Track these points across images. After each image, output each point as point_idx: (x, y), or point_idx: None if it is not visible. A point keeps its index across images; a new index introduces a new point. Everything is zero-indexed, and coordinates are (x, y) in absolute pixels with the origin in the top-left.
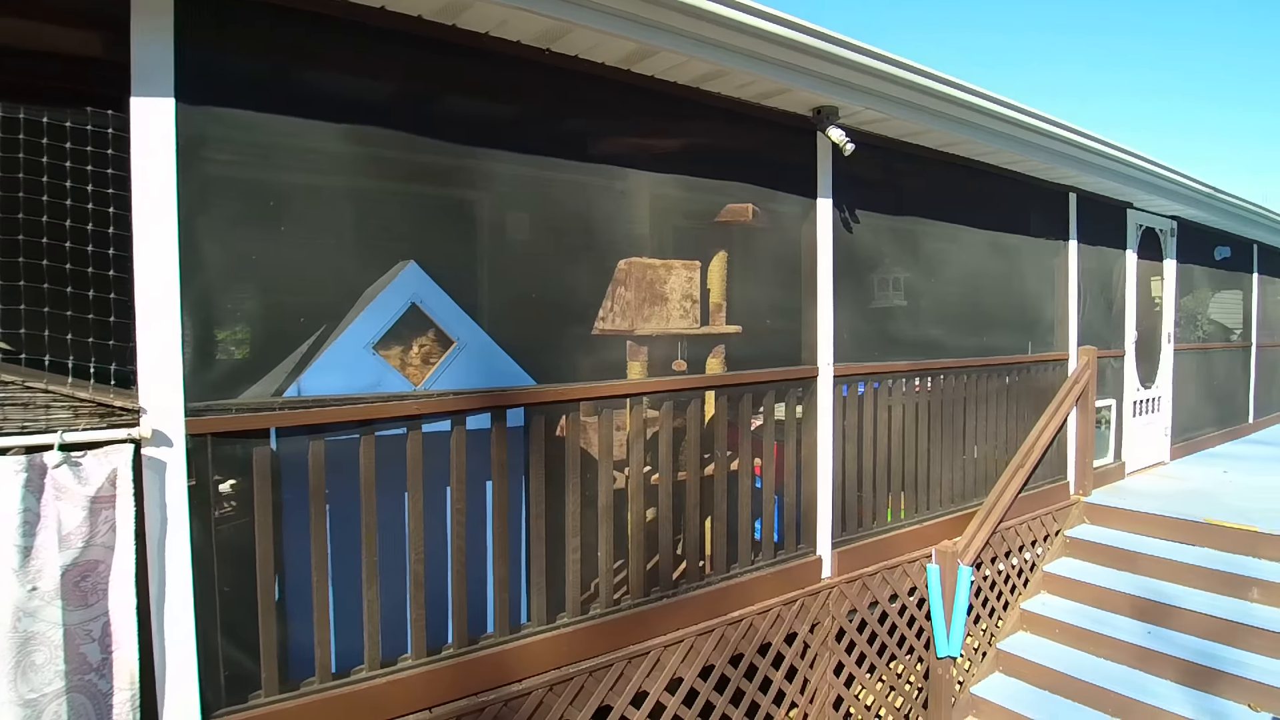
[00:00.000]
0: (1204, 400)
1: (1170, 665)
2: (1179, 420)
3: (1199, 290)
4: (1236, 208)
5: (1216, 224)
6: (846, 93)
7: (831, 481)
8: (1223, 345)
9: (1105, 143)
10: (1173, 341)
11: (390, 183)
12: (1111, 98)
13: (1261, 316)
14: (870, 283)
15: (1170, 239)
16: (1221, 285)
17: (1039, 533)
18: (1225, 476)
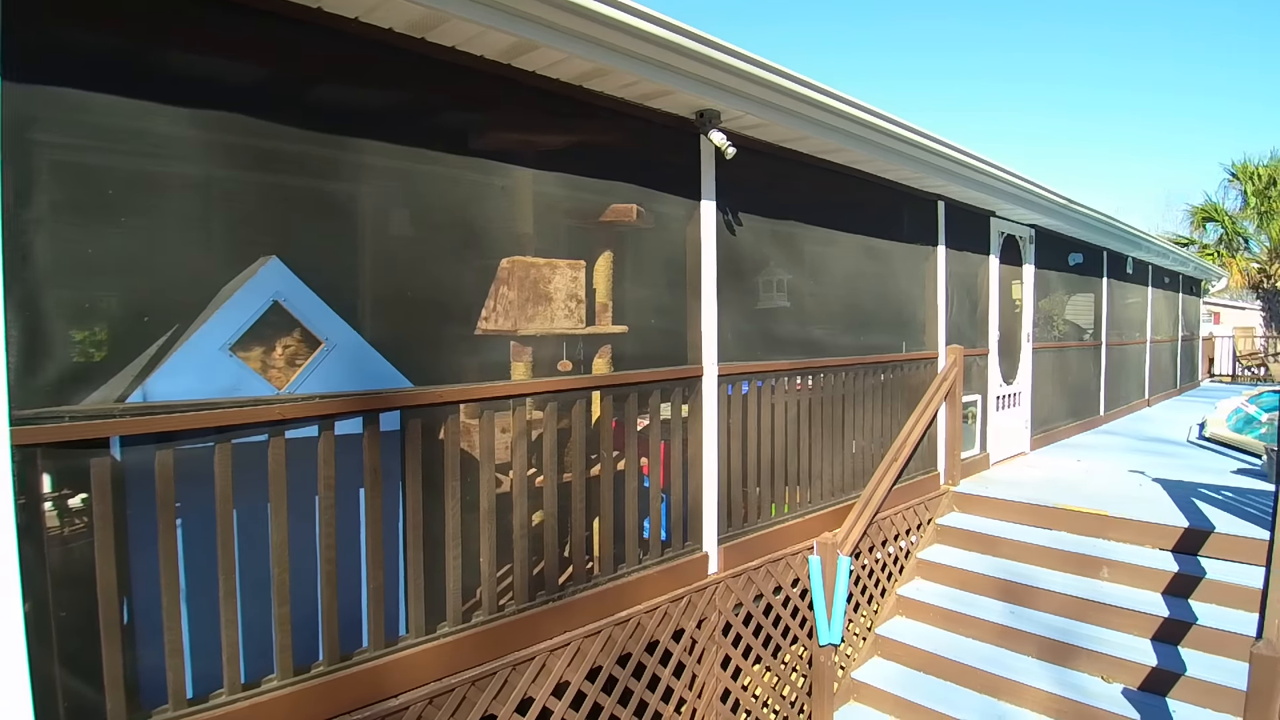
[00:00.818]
0: (1060, 395)
1: (1031, 642)
2: (1038, 413)
3: (1055, 293)
4: (1088, 217)
5: (1070, 232)
6: (728, 97)
7: (717, 479)
8: (1076, 344)
9: (971, 155)
10: (1031, 341)
11: (251, 173)
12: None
13: (1111, 317)
14: (754, 284)
15: (1029, 245)
16: (1075, 289)
17: (913, 521)
18: (1079, 465)
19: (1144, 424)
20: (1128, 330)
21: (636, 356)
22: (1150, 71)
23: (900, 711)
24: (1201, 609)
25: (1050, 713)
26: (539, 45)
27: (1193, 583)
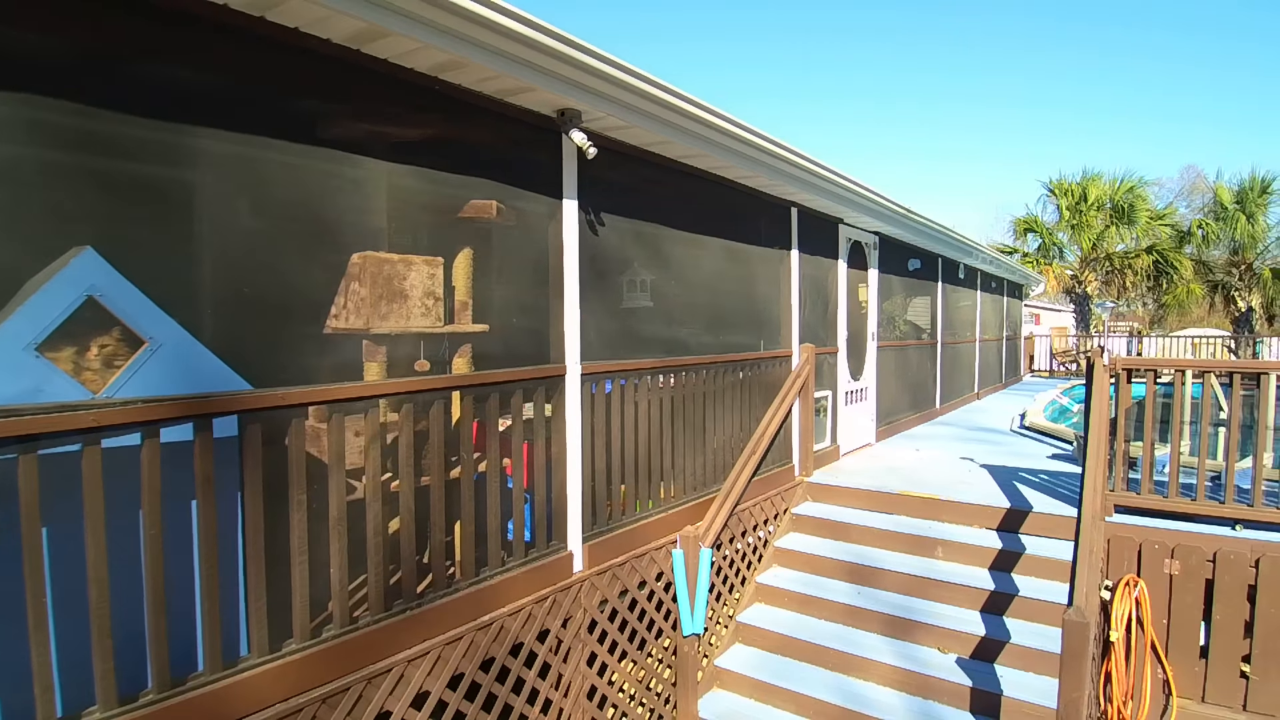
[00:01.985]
0: (902, 389)
1: (876, 620)
2: (882, 407)
3: (896, 296)
4: (925, 226)
5: (911, 240)
6: (590, 98)
7: (581, 478)
8: (916, 343)
9: (821, 165)
10: (876, 340)
11: (62, 156)
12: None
13: (945, 318)
14: (617, 283)
15: (874, 251)
16: (914, 292)
17: (770, 512)
18: (918, 454)
19: (974, 415)
20: (960, 330)
21: (498, 356)
22: (986, 87)
23: (760, 694)
24: (1022, 581)
25: (895, 685)
26: (390, 33)
27: (1014, 558)
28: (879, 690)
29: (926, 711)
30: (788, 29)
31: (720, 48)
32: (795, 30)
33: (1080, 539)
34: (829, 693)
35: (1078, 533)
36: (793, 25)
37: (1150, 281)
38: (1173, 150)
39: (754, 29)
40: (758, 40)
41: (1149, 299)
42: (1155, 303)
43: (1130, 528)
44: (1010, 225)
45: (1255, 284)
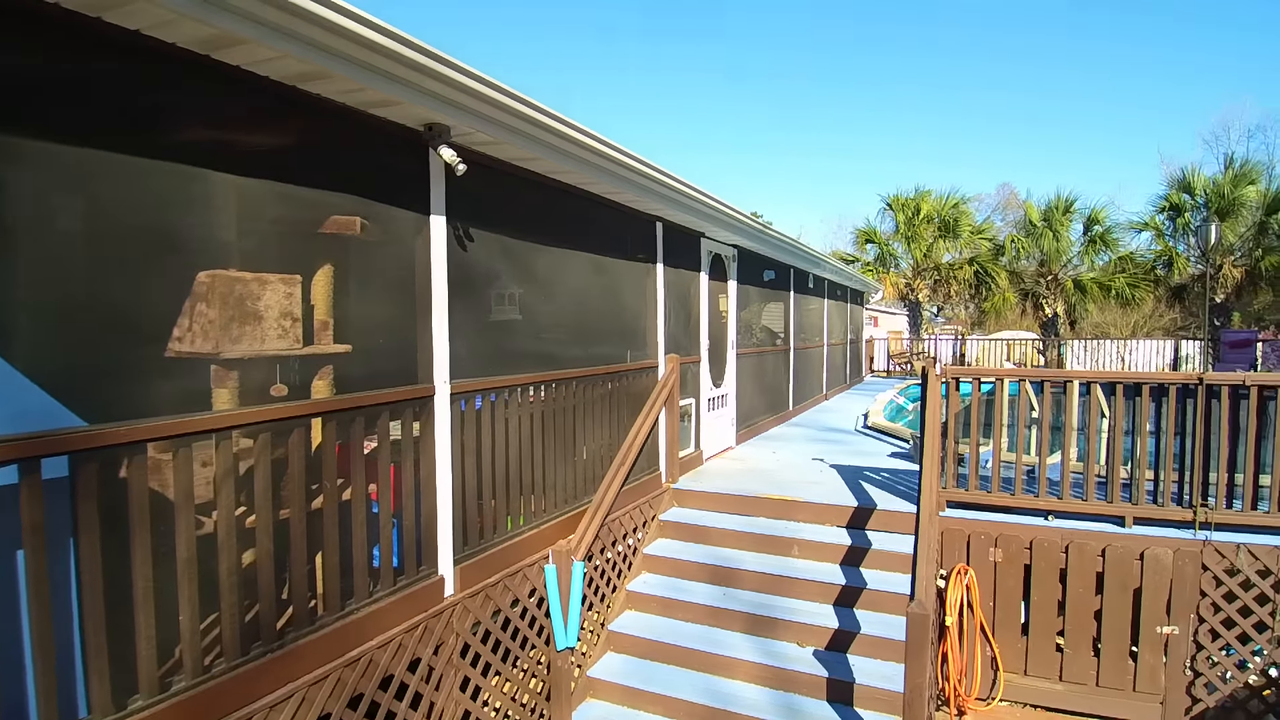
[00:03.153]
0: (759, 393)
1: (739, 619)
2: (742, 411)
3: (753, 305)
4: (779, 240)
5: (766, 252)
6: (458, 114)
7: (452, 499)
8: (771, 349)
9: (685, 183)
10: (735, 348)
11: None
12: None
13: (797, 325)
14: (487, 299)
15: (733, 264)
16: (769, 301)
17: (639, 520)
18: (774, 456)
19: (824, 415)
20: (810, 335)
21: (362, 377)
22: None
23: (631, 701)
24: (870, 575)
25: (757, 680)
26: (245, 40)
27: (862, 553)
28: (744, 687)
29: (788, 704)
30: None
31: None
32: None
33: (920, 536)
34: (697, 694)
35: (917, 530)
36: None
37: (972, 289)
38: (991, 169)
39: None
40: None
41: (971, 305)
42: (976, 308)
43: (960, 521)
44: (852, 236)
45: (1060, 293)
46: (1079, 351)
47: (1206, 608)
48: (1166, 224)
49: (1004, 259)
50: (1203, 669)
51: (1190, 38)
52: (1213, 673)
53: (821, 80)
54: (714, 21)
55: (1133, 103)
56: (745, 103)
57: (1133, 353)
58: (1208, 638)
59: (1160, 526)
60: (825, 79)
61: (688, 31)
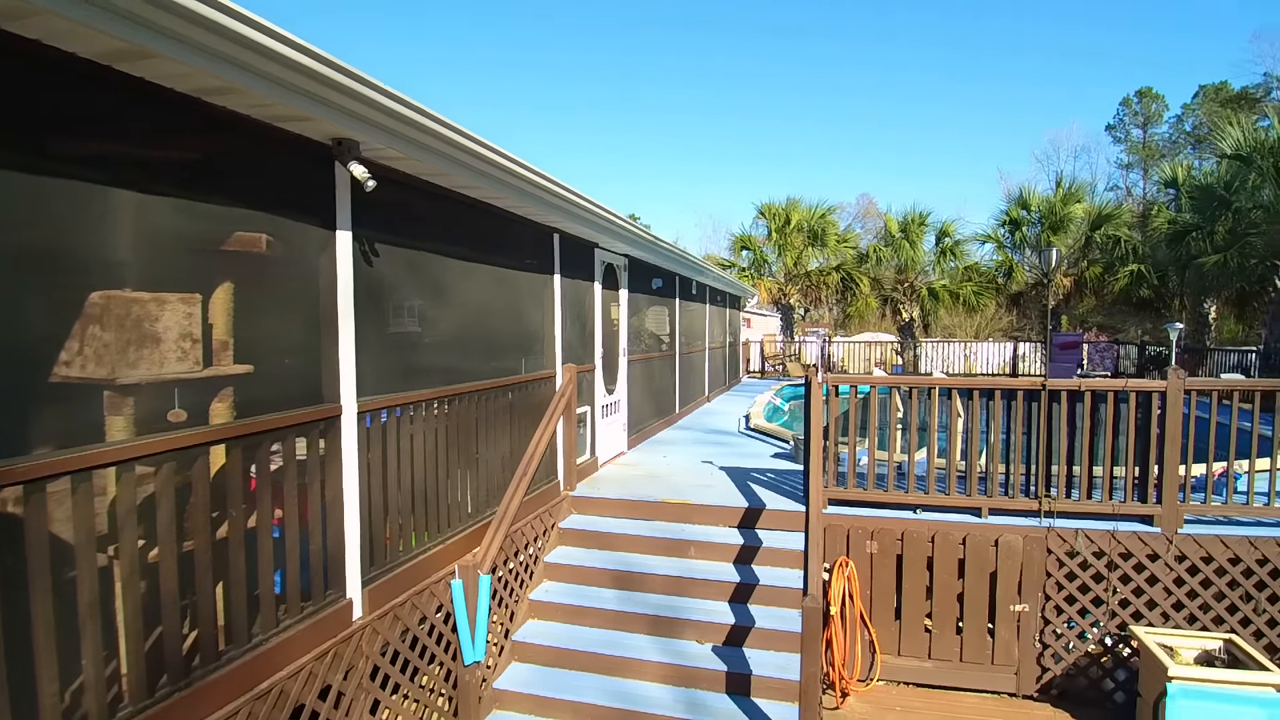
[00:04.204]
0: (649, 398)
1: (642, 621)
2: (634, 416)
3: (643, 312)
4: (666, 250)
5: (654, 261)
6: (367, 129)
7: (360, 519)
8: (659, 354)
9: (582, 196)
10: (627, 354)
11: None
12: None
13: (682, 330)
14: (394, 315)
15: (624, 273)
16: (657, 307)
17: (539, 529)
18: (665, 460)
19: (708, 417)
20: (694, 340)
21: (265, 399)
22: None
23: (540, 709)
24: (762, 572)
25: (662, 680)
26: (156, 54)
27: (754, 552)
28: (649, 687)
29: (691, 700)
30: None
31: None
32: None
33: (809, 534)
34: (604, 697)
35: (807, 529)
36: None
37: (839, 294)
38: (851, 179)
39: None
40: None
41: (837, 308)
42: (842, 312)
43: (840, 517)
44: (727, 241)
45: (915, 298)
46: (931, 351)
47: (1052, 587)
48: (1007, 237)
49: (866, 266)
50: (1050, 641)
51: (1020, 69)
52: (1058, 644)
53: (690, 83)
54: (587, 23)
55: (975, 124)
56: (619, 108)
57: (976, 353)
58: (1053, 613)
59: (1012, 516)
60: (694, 82)
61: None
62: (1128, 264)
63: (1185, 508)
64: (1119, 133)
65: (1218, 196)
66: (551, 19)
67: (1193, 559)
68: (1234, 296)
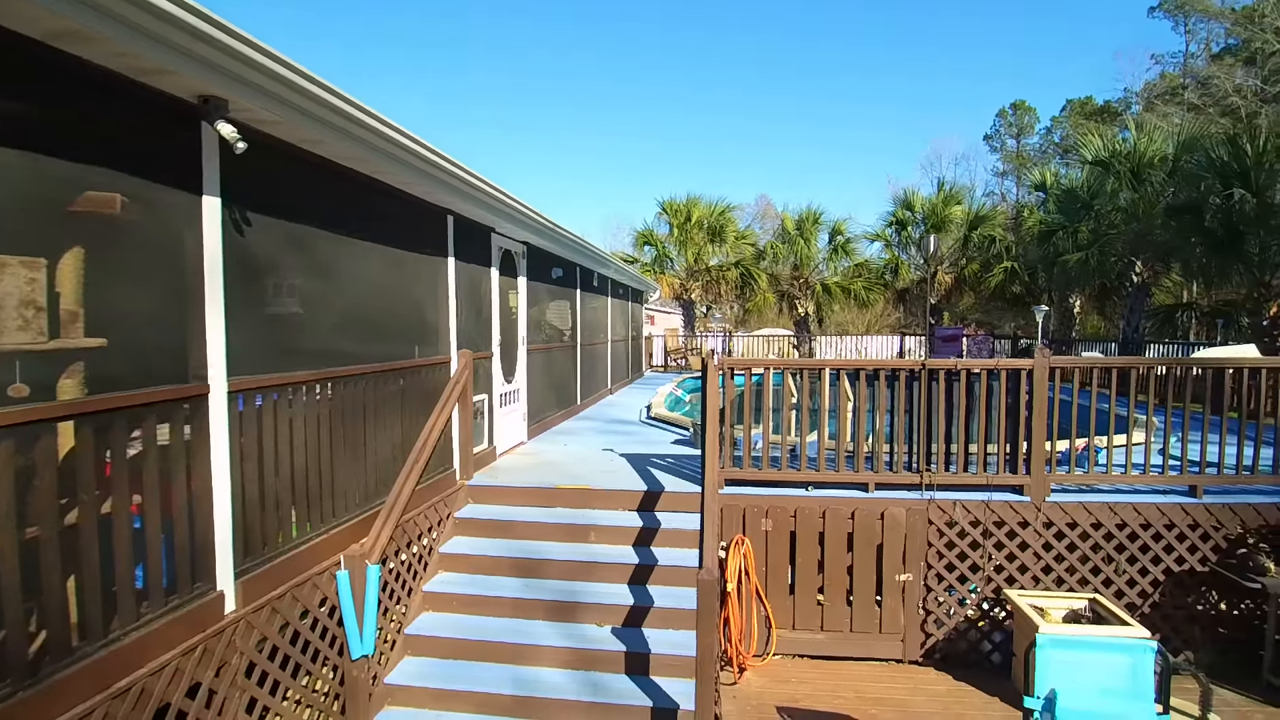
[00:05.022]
0: (549, 388)
1: (542, 607)
2: (533, 406)
3: (543, 301)
4: (567, 238)
5: (555, 250)
6: (237, 86)
7: (232, 507)
8: (560, 345)
9: (476, 175)
10: (526, 344)
11: None
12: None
13: (583, 322)
14: (273, 292)
15: (523, 260)
16: (558, 298)
17: (434, 519)
18: (566, 448)
19: (610, 409)
20: (596, 332)
21: (123, 376)
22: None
23: (435, 703)
24: (660, 553)
25: (563, 664)
26: None
27: (653, 534)
28: (549, 672)
29: (592, 682)
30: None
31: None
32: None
33: (705, 512)
34: (502, 685)
35: (703, 507)
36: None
37: (738, 290)
38: (751, 180)
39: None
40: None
41: (737, 304)
42: (741, 307)
43: (737, 497)
44: (631, 237)
45: (810, 294)
46: (825, 346)
47: (933, 556)
48: (894, 236)
49: (764, 263)
50: (932, 608)
51: (903, 85)
52: (940, 610)
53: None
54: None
55: (866, 133)
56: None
57: (868, 346)
58: (935, 581)
59: (896, 490)
60: (597, 75)
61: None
62: (1002, 262)
63: (1051, 477)
64: (995, 142)
65: (1081, 200)
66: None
67: (1059, 525)
68: (1096, 292)
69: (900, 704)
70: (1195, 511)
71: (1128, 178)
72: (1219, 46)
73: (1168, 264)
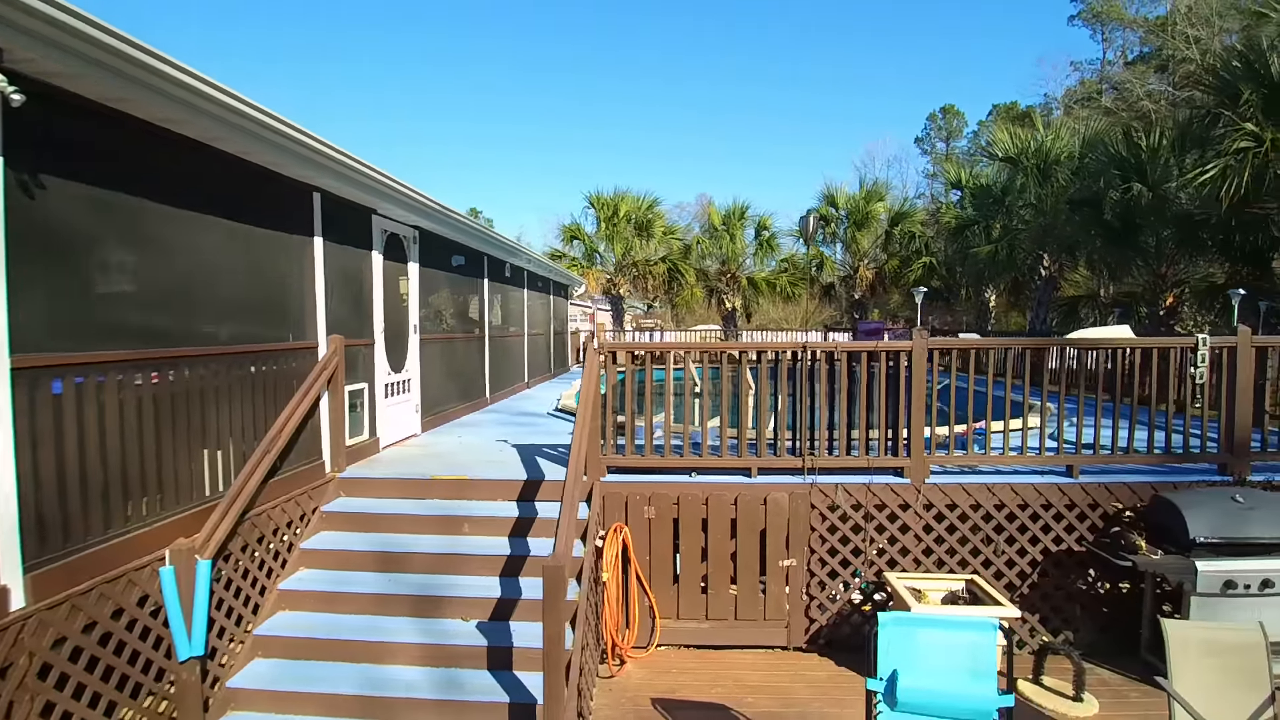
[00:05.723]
0: (450, 380)
1: (405, 603)
2: (428, 398)
3: (443, 290)
4: (466, 225)
5: (454, 236)
6: (11, 33)
7: (17, 497)
8: (464, 336)
9: (337, 150)
10: (419, 332)
11: None
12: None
13: (493, 313)
14: (75, 262)
15: (414, 245)
16: (462, 287)
17: (295, 513)
18: (460, 440)
19: (522, 402)
20: (509, 324)
21: None
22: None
23: (280, 706)
24: (536, 544)
25: (420, 662)
26: None
27: (530, 524)
28: (406, 670)
29: (449, 679)
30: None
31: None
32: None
33: (565, 498)
34: (355, 685)
35: (564, 494)
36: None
37: (666, 285)
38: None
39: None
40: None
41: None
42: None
43: (619, 485)
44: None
45: (737, 289)
46: (754, 340)
47: (816, 540)
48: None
49: (692, 258)
50: (816, 594)
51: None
52: (824, 595)
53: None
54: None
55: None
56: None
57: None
58: (819, 566)
59: (780, 475)
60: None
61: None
62: (921, 258)
63: (931, 459)
64: (926, 145)
65: (993, 195)
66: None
67: (939, 507)
68: (1009, 286)
69: (780, 691)
70: (1072, 491)
71: (1034, 174)
72: (1134, 54)
73: (1074, 257)
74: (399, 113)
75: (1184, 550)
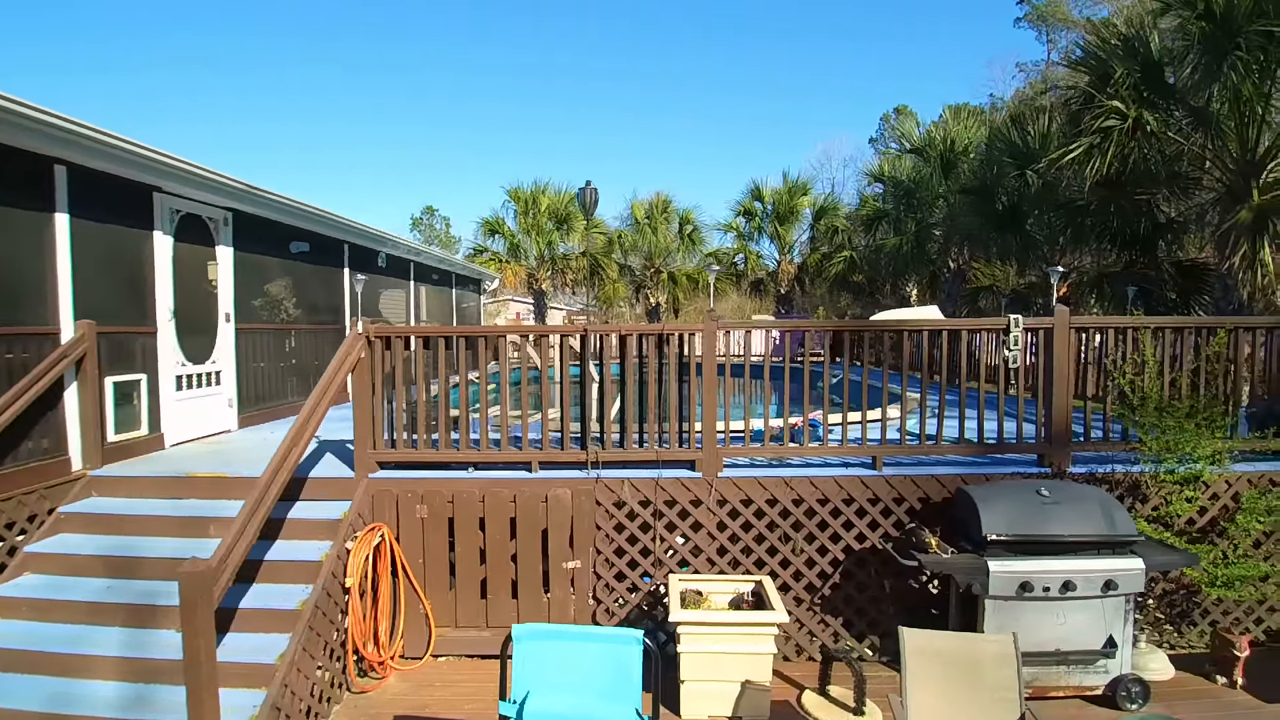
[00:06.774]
0: (290, 374)
1: (123, 612)
2: (252, 392)
3: (281, 278)
4: (295, 208)
5: (290, 221)
6: None
7: None
8: (315, 327)
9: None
10: (233, 322)
11: None
12: None
13: (362, 305)
14: None
15: (225, 228)
16: (312, 276)
17: (22, 514)
18: (271, 435)
19: None
20: (389, 318)
21: None
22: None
23: None
24: (281, 546)
25: (119, 676)
26: None
27: (280, 525)
28: (100, 685)
29: (144, 696)
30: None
31: None
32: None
33: (253, 494)
34: (39, 702)
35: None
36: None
37: (588, 279)
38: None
39: None
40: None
41: (589, 295)
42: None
43: (390, 481)
44: (474, 225)
45: (661, 284)
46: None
47: (603, 540)
48: (744, 226)
49: (616, 253)
50: (603, 597)
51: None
52: (611, 599)
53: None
54: None
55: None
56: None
57: None
58: (605, 568)
59: (562, 469)
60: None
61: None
62: (843, 251)
63: (724, 451)
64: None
65: (905, 188)
66: None
67: (734, 502)
68: (927, 279)
69: None
70: (875, 485)
71: (938, 164)
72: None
73: (973, 247)
74: (348, 116)
75: (978, 548)
